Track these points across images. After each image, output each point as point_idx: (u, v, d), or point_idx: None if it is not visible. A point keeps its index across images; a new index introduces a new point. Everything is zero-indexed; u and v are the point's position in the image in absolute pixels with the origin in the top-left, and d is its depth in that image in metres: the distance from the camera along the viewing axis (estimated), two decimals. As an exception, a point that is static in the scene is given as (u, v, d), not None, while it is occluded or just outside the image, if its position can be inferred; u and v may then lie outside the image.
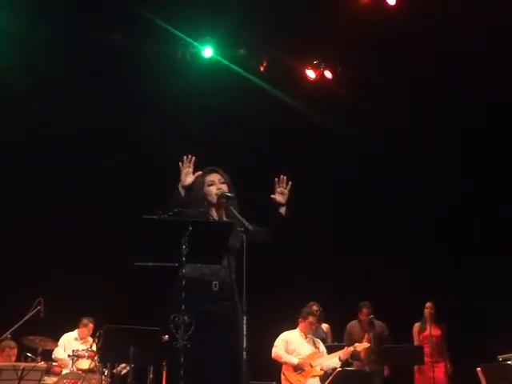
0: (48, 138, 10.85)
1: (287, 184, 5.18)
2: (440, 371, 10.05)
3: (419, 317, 10.31)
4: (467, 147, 11.23)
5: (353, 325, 10.24)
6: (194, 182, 5.08)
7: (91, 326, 10.17)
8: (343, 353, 9.09)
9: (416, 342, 10.24)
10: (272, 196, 5.17)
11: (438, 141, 11.29)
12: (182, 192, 5.00)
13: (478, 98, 10.72)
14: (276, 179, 5.18)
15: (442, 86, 10.87)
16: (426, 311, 10.20)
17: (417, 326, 10.36)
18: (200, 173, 5.11)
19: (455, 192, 11.25)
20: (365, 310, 10.12)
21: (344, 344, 9.51)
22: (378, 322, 10.09)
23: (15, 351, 9.12)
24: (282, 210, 5.16)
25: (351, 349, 9.16)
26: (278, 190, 5.16)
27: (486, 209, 11.11)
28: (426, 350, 9.80)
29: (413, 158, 11.50)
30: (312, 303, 9.90)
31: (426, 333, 10.14)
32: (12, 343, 9.13)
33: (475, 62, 10.35)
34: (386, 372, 10.08)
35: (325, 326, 10.20)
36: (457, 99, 10.88)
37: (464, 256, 11.02)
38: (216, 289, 4.94)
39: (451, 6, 9.81)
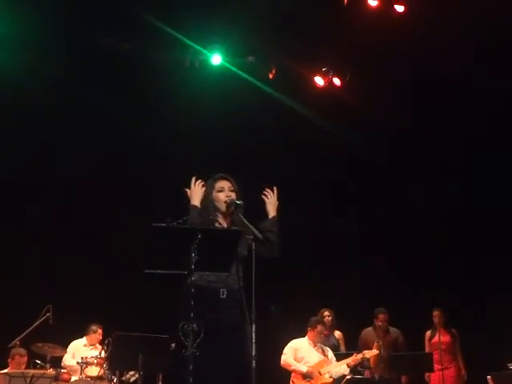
0: (56, 145, 10.88)
1: (273, 192, 5.33)
2: (449, 376, 9.99)
3: (431, 324, 10.28)
4: (468, 151, 11.26)
5: (367, 332, 10.12)
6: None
7: (100, 331, 10.17)
8: (352, 360, 9.08)
9: (427, 350, 10.19)
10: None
11: (445, 147, 11.32)
12: (195, 209, 5.08)
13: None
14: (263, 196, 5.32)
15: (453, 93, 10.89)
16: (434, 319, 10.16)
17: (428, 333, 10.31)
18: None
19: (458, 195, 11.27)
20: (381, 316, 10.01)
21: (353, 352, 9.48)
22: (392, 329, 10.05)
23: (25, 359, 9.12)
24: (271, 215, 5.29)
25: (360, 356, 9.14)
26: (267, 200, 5.30)
27: (489, 211, 11.10)
28: (436, 356, 9.75)
29: (419, 164, 11.52)
30: (323, 310, 9.89)
31: (434, 340, 10.09)
32: (22, 351, 9.14)
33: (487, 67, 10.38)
34: (403, 380, 10.02)
35: (337, 334, 10.15)
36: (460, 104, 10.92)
37: (474, 261, 11.00)
38: (224, 296, 4.93)
39: (460, 12, 9.81)
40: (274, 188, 5.35)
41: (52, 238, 10.93)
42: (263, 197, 5.32)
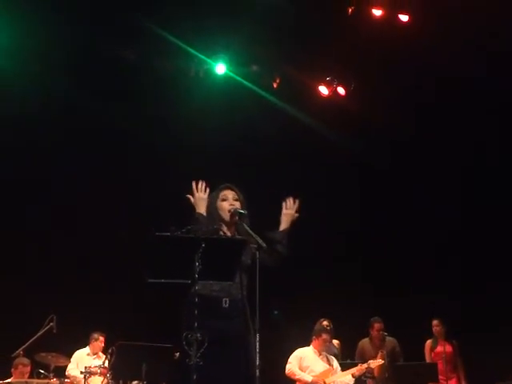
0: (61, 154, 10.90)
1: (294, 203, 5.27)
2: None
3: (430, 333, 10.23)
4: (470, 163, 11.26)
5: (364, 342, 10.11)
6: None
7: (102, 339, 10.17)
8: (357, 370, 9.05)
9: (428, 360, 10.13)
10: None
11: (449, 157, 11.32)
12: (201, 217, 5.05)
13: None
14: (283, 203, 5.27)
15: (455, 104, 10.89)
16: (434, 329, 10.12)
17: (429, 343, 10.25)
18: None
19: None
20: (376, 326, 9.97)
21: (358, 361, 9.44)
22: (389, 338, 9.97)
23: (28, 368, 9.11)
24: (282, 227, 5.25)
25: (365, 366, 9.11)
26: (284, 210, 5.27)
27: (491, 216, 11.07)
28: (440, 367, 9.69)
29: (423, 173, 11.51)
30: (322, 319, 9.86)
31: (437, 350, 10.05)
32: (25, 360, 9.13)
33: (490, 79, 10.38)
34: None
35: (335, 342, 10.13)
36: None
37: (476, 272, 10.97)
38: (226, 305, 4.91)
39: (463, 21, 9.84)
40: (297, 200, 5.29)
41: (54, 247, 10.92)
42: (283, 204, 5.28)
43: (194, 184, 5.14)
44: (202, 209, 5.10)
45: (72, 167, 10.95)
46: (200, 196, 5.12)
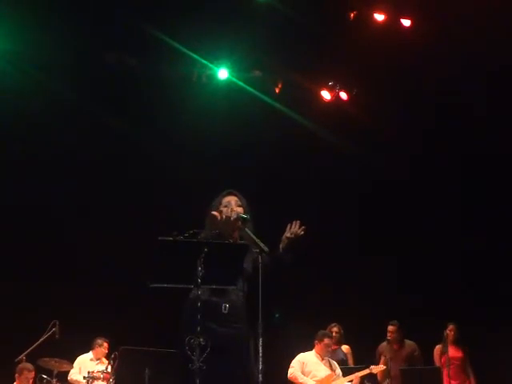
0: (61, 162, 10.91)
1: (299, 228, 5.06)
2: None
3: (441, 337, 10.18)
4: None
5: (382, 346, 9.96)
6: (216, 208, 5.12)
7: (106, 345, 10.14)
8: (358, 375, 9.06)
9: (437, 364, 10.06)
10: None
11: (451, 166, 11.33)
12: None
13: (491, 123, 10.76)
14: (289, 225, 5.07)
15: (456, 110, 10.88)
16: (448, 333, 10.00)
17: (438, 348, 10.07)
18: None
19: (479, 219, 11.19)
20: (389, 328, 9.87)
21: (361, 366, 9.42)
22: (408, 342, 9.89)
23: (33, 374, 9.10)
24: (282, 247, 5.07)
25: (366, 371, 9.10)
26: (287, 233, 5.05)
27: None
28: (452, 372, 9.53)
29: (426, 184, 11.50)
30: (334, 324, 9.86)
31: (449, 354, 9.93)
32: (30, 366, 9.12)
33: (491, 84, 10.37)
34: None
35: (345, 348, 10.09)
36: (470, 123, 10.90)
37: (485, 280, 10.93)
38: (225, 311, 4.90)
39: (465, 29, 9.84)
40: (303, 227, 5.05)
41: (56, 252, 10.92)
42: (288, 226, 5.07)
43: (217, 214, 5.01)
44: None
45: (71, 171, 10.95)
46: (227, 221, 5.01)
